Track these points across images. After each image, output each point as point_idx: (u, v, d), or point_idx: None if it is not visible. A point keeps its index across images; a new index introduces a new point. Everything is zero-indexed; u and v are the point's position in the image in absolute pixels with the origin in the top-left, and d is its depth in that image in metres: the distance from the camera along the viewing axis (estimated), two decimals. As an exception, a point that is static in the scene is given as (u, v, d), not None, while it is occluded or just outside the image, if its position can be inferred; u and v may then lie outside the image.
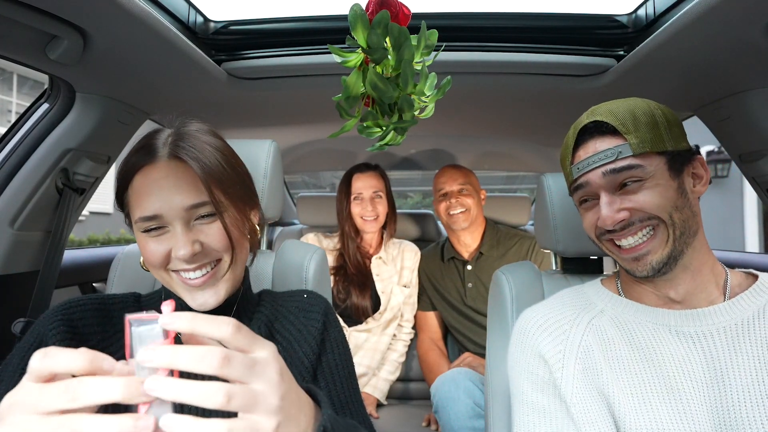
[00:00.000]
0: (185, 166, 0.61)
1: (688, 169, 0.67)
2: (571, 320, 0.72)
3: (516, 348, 0.75)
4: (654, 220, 0.65)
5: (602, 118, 0.67)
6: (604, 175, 0.66)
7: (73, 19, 0.77)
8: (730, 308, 0.64)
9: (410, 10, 0.57)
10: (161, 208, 0.59)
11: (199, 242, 0.60)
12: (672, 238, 0.64)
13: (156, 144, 0.62)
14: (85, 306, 0.65)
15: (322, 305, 0.73)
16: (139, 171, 0.61)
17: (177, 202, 0.59)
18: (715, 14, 0.76)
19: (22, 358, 0.60)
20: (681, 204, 0.65)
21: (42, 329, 0.61)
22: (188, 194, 0.60)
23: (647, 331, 0.67)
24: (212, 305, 0.63)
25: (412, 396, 1.79)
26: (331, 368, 0.68)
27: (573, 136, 0.71)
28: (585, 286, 0.79)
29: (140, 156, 0.62)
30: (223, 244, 0.62)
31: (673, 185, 0.65)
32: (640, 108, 0.67)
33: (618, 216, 0.65)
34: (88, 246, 2.22)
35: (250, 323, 0.71)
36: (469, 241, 1.69)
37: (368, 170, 1.70)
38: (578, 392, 0.66)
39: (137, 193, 0.61)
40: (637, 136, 0.65)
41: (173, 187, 0.60)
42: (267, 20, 1.09)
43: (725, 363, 0.61)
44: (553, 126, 1.59)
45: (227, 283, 0.64)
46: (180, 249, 0.59)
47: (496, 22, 1.07)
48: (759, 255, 2.17)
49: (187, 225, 0.61)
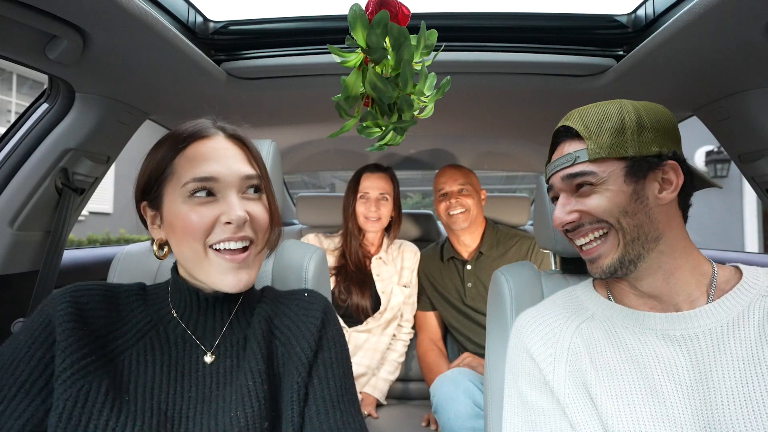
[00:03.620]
0: (240, 146, 0.68)
1: (653, 174, 0.67)
2: (561, 323, 0.74)
3: (512, 350, 0.77)
4: (604, 224, 0.67)
5: (570, 123, 0.71)
6: (562, 179, 0.71)
7: (73, 19, 0.77)
8: (715, 309, 0.64)
9: (410, 10, 0.57)
10: (219, 171, 0.63)
11: (247, 212, 0.64)
12: (622, 242, 0.66)
13: (205, 124, 0.68)
14: (93, 291, 0.66)
15: (321, 303, 0.74)
16: (195, 141, 0.65)
17: (235, 169, 0.65)
18: (715, 14, 0.76)
19: (29, 336, 0.60)
20: (633, 209, 0.65)
21: (50, 310, 0.62)
22: (245, 165, 0.66)
23: (633, 335, 0.67)
24: (245, 285, 0.65)
25: (411, 396, 1.79)
26: (326, 365, 0.68)
27: (552, 138, 0.76)
28: (578, 288, 0.80)
29: (197, 129, 0.67)
30: (265, 221, 0.67)
31: (627, 191, 0.66)
32: (610, 113, 0.68)
33: (567, 218, 0.69)
34: (88, 246, 2.22)
35: (252, 317, 0.71)
36: (469, 241, 1.69)
37: (378, 171, 1.71)
38: (570, 393, 0.67)
39: (192, 158, 0.64)
40: (596, 142, 0.67)
41: (232, 156, 0.66)
42: (266, 20, 1.09)
43: (710, 365, 0.61)
44: (553, 126, 1.57)
45: (255, 269, 0.67)
46: (234, 213, 0.62)
47: (495, 22, 1.07)
48: (758, 255, 2.17)
49: (239, 194, 0.65)
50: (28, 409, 0.56)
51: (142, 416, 0.58)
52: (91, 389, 0.57)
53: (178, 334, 0.67)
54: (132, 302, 0.69)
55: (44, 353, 0.59)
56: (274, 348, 0.69)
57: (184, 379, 0.64)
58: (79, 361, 0.58)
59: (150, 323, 0.67)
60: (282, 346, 0.69)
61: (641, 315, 0.68)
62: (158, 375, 0.63)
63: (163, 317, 0.68)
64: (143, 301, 0.70)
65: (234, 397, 0.62)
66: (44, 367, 0.58)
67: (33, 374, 0.58)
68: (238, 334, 0.69)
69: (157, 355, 0.65)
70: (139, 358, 0.64)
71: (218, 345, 0.68)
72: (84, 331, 0.61)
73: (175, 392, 0.62)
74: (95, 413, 0.56)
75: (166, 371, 0.63)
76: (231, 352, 0.67)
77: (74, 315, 0.61)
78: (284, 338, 0.70)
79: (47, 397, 0.57)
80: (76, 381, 0.57)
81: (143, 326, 0.67)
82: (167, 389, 0.62)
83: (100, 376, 0.58)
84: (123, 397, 0.59)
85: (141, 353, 0.64)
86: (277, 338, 0.70)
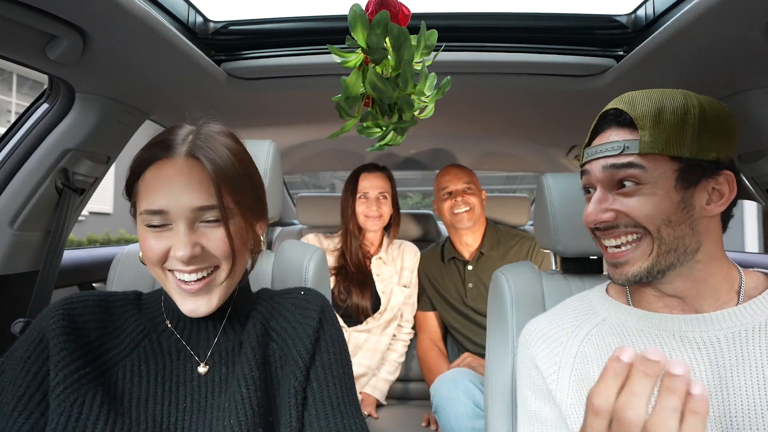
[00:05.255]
0: (200, 167, 0.60)
1: (705, 183, 0.60)
2: (569, 331, 0.71)
3: (519, 358, 0.75)
4: (640, 229, 0.61)
5: (623, 107, 0.63)
6: (603, 168, 0.63)
7: (73, 19, 0.77)
8: (740, 313, 0.59)
9: (410, 11, 0.57)
10: (168, 205, 0.59)
11: (200, 245, 0.60)
12: (656, 252, 0.60)
13: (175, 140, 0.62)
14: (86, 302, 0.65)
15: (318, 302, 0.72)
16: (154, 164, 0.61)
17: (185, 201, 0.59)
18: (715, 14, 0.76)
19: (24, 351, 0.60)
20: (677, 219, 0.59)
21: (43, 324, 0.62)
22: (198, 195, 0.59)
23: (650, 338, 0.63)
24: (203, 313, 0.62)
25: (411, 396, 1.79)
26: (325, 368, 0.67)
27: (595, 121, 0.68)
28: (591, 292, 0.76)
29: (157, 149, 0.61)
30: (224, 251, 0.61)
31: (675, 197, 0.59)
32: (673, 102, 0.60)
33: (602, 216, 0.63)
34: (88, 246, 2.22)
35: (247, 321, 0.70)
36: (471, 241, 1.69)
37: (376, 170, 1.71)
38: (573, 403, 0.65)
39: (147, 186, 0.61)
40: (652, 134, 0.59)
41: (185, 185, 0.59)
42: (267, 20, 1.09)
43: (731, 370, 0.57)
44: (553, 126, 1.59)
45: (222, 292, 0.64)
46: (180, 249, 0.58)
47: (495, 22, 1.07)
48: (759, 255, 2.17)
49: (191, 226, 0.60)
50: (27, 423, 0.56)
51: (137, 428, 0.58)
52: (85, 402, 0.57)
53: (171, 344, 0.66)
54: (126, 311, 0.68)
55: (39, 368, 0.59)
56: (270, 351, 0.68)
57: (179, 390, 0.63)
58: (73, 374, 0.58)
59: (143, 332, 0.67)
60: (279, 348, 0.68)
61: (658, 317, 0.64)
62: (152, 386, 0.62)
63: (156, 326, 0.68)
64: (137, 310, 0.69)
65: (227, 405, 0.61)
66: (41, 381, 0.58)
67: (30, 388, 0.58)
68: (232, 340, 0.68)
69: (152, 365, 0.64)
70: (134, 368, 0.63)
71: (212, 353, 0.67)
72: (77, 343, 0.61)
73: (170, 404, 0.62)
74: (89, 426, 0.56)
75: (160, 382, 0.63)
76: (225, 359, 0.66)
77: (67, 328, 0.61)
78: (281, 340, 0.69)
79: (45, 410, 0.57)
80: (69, 394, 0.57)
81: (137, 335, 0.66)
82: (162, 401, 0.61)
83: (94, 388, 0.58)
84: (117, 409, 0.59)
85: (135, 364, 0.64)
86: (274, 341, 0.69)
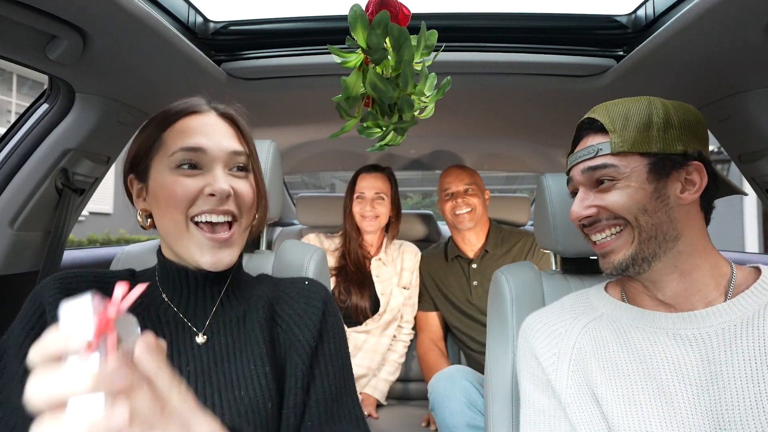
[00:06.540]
0: (230, 124, 0.68)
1: (677, 174, 0.65)
2: (567, 324, 0.73)
3: (519, 350, 0.77)
4: (621, 221, 0.66)
5: (595, 116, 0.70)
6: (582, 171, 0.69)
7: (73, 19, 0.77)
8: (729, 309, 0.62)
9: (410, 11, 0.57)
10: (207, 144, 0.63)
11: (232, 189, 0.63)
12: (637, 240, 0.65)
13: (201, 102, 0.69)
14: (81, 278, 0.66)
15: (322, 293, 0.74)
16: (188, 116, 0.66)
17: (224, 144, 0.65)
18: (715, 14, 0.76)
19: (25, 323, 0.61)
20: (653, 208, 0.64)
21: (41, 297, 0.62)
22: (234, 142, 0.66)
23: (644, 334, 0.66)
24: (226, 265, 0.64)
25: (411, 396, 1.79)
26: (326, 358, 0.69)
27: (575, 131, 0.74)
28: (590, 290, 0.79)
29: (189, 104, 0.67)
30: (249, 199, 0.66)
31: (648, 188, 0.64)
32: (638, 107, 0.67)
33: (584, 212, 0.69)
34: (88, 246, 2.22)
35: (250, 298, 0.72)
36: (474, 240, 1.70)
37: (374, 171, 1.72)
38: (572, 393, 0.67)
39: (183, 130, 0.64)
40: (621, 136, 0.66)
41: (222, 133, 0.66)
42: (267, 20, 1.09)
43: (721, 365, 0.59)
44: (553, 126, 1.59)
45: (239, 247, 0.66)
46: (219, 184, 0.62)
47: (496, 22, 1.07)
48: (758, 255, 2.17)
49: (225, 169, 0.65)
50: None
51: None
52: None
53: (169, 316, 0.67)
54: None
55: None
56: (275, 335, 0.69)
57: (181, 357, 0.64)
58: None
59: (141, 305, 0.67)
60: (284, 333, 0.70)
61: (652, 314, 0.67)
62: None
63: (153, 300, 0.68)
64: (133, 286, 0.70)
65: (236, 377, 0.62)
66: None
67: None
68: (230, 313, 0.69)
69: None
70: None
71: (210, 325, 0.67)
72: None
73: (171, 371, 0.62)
74: None
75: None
76: (225, 330, 0.67)
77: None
78: (286, 325, 0.70)
79: None
80: None
81: (134, 309, 0.66)
82: None
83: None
84: None
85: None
86: (279, 325, 0.70)
